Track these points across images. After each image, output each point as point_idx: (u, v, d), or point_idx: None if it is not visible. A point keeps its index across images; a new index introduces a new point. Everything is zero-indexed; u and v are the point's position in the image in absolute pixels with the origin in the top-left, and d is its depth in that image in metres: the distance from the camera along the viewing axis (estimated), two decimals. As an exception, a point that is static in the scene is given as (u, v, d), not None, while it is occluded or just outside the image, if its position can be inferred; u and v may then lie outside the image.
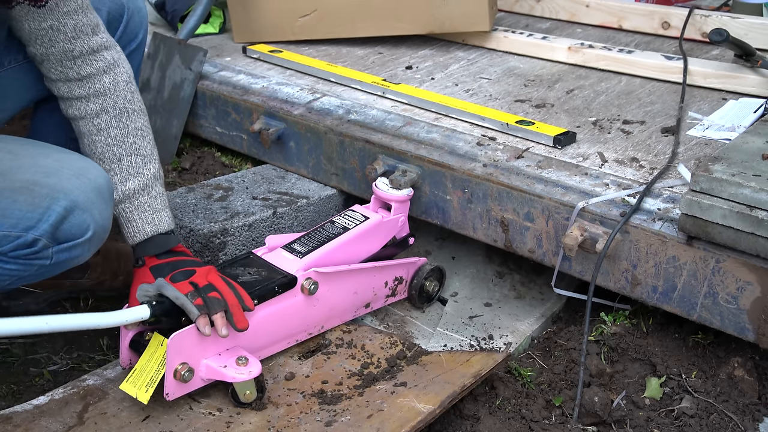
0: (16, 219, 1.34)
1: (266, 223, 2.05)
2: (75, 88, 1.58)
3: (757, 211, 1.44)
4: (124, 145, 1.60)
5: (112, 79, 1.60)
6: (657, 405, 1.63)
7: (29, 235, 1.35)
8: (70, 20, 1.53)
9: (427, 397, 1.53)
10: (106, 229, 1.46)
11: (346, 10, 2.62)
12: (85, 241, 1.42)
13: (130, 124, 1.61)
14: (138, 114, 1.63)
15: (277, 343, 1.72)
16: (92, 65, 1.57)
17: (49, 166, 1.40)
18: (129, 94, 1.62)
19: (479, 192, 1.85)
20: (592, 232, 1.66)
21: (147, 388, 1.49)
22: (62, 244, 1.40)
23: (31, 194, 1.35)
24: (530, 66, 2.51)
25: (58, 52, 1.55)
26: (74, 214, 1.38)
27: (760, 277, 1.49)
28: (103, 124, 1.59)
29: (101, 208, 1.43)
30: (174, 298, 1.49)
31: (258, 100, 2.33)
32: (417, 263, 1.98)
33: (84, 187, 1.40)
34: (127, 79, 1.63)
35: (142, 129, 1.63)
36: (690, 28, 2.64)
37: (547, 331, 1.92)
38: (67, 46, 1.54)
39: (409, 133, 2.04)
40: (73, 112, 1.61)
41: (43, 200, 1.35)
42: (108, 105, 1.59)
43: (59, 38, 1.53)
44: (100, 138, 1.59)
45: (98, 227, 1.43)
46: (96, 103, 1.59)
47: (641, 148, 1.90)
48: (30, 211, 1.34)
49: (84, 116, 1.59)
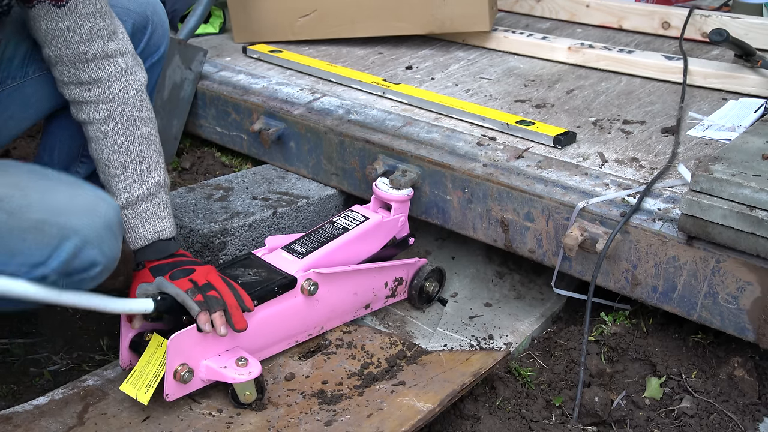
0: (25, 257, 1.34)
1: (266, 223, 2.05)
2: (85, 92, 1.59)
3: (757, 211, 1.44)
4: (130, 153, 1.61)
5: (123, 85, 1.61)
6: (657, 405, 1.63)
7: (38, 271, 1.35)
8: (86, 22, 1.54)
9: (427, 396, 1.53)
10: (115, 260, 1.46)
11: (346, 10, 2.62)
12: (96, 274, 1.42)
13: (137, 132, 1.62)
14: (146, 122, 1.64)
15: (277, 343, 1.72)
16: (104, 69, 1.58)
17: (59, 203, 1.38)
18: (138, 102, 1.63)
19: (479, 192, 1.85)
20: (592, 232, 1.66)
21: (147, 389, 1.49)
22: (72, 277, 1.40)
23: (42, 233, 1.34)
24: (530, 66, 2.51)
25: (72, 54, 1.56)
26: (84, 251, 1.37)
27: (760, 277, 1.49)
28: (110, 131, 1.60)
29: (110, 243, 1.42)
30: (175, 294, 1.49)
31: (258, 100, 2.33)
32: (417, 264, 1.98)
33: (94, 225, 1.39)
34: (139, 87, 1.63)
35: (149, 137, 1.64)
36: (690, 28, 2.63)
37: (547, 331, 1.92)
38: (81, 48, 1.55)
39: (410, 133, 2.04)
40: (82, 116, 1.62)
41: (53, 239, 1.34)
42: (116, 112, 1.60)
43: (74, 39, 1.54)
44: (106, 144, 1.61)
45: (108, 260, 1.43)
46: (104, 109, 1.60)
47: (641, 148, 1.90)
48: (39, 249, 1.34)
49: (92, 121, 1.61)
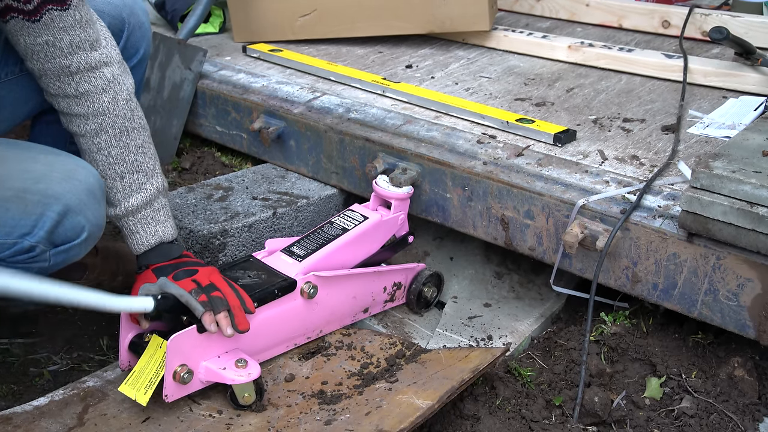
0: (10, 227, 1.35)
1: (266, 224, 2.05)
2: (74, 106, 1.56)
3: (758, 207, 1.43)
4: (126, 164, 1.59)
5: (112, 97, 1.57)
6: (657, 405, 1.62)
7: (25, 241, 1.37)
8: (66, 36, 1.49)
9: (426, 393, 1.52)
10: (100, 227, 1.47)
11: (346, 10, 2.62)
12: (82, 241, 1.44)
13: (131, 142, 1.59)
14: (138, 131, 1.61)
15: (276, 346, 1.72)
16: (90, 82, 1.54)
17: (38, 171, 1.40)
18: (129, 112, 1.59)
19: (479, 190, 1.84)
20: (592, 230, 1.66)
21: (146, 390, 1.48)
22: (59, 247, 1.42)
23: (23, 202, 1.36)
24: (530, 65, 2.50)
25: (54, 68, 1.51)
26: (68, 217, 1.39)
27: (760, 273, 1.49)
28: (103, 144, 1.58)
29: (94, 208, 1.44)
30: (178, 295, 1.48)
31: (258, 98, 2.32)
32: (416, 269, 1.97)
33: (75, 190, 1.40)
34: (128, 96, 1.60)
35: (143, 146, 1.61)
36: (690, 27, 2.63)
37: (547, 331, 1.91)
38: (63, 62, 1.51)
39: (410, 131, 2.04)
40: (73, 129, 1.59)
41: (35, 207, 1.36)
42: (107, 125, 1.57)
43: (55, 54, 1.50)
44: (101, 157, 1.58)
45: (93, 227, 1.44)
46: (95, 122, 1.56)
47: (641, 146, 1.90)
48: (23, 219, 1.36)
49: (84, 134, 1.58)
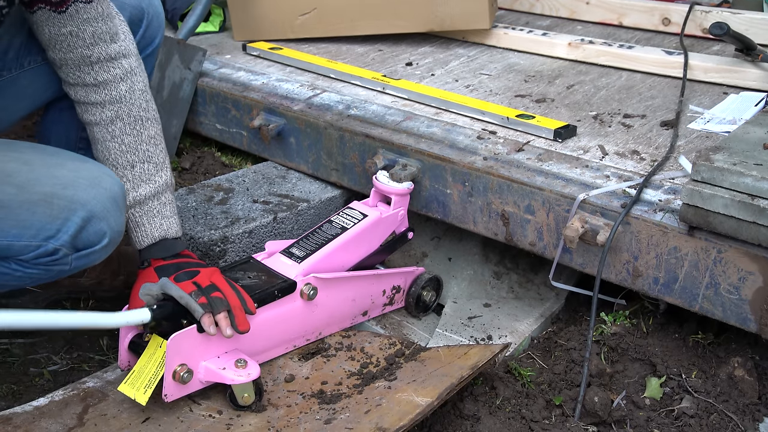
0: (36, 230, 1.39)
1: (266, 229, 2.04)
2: (91, 94, 1.61)
3: (759, 200, 1.43)
4: (138, 153, 1.62)
5: (129, 87, 1.62)
6: (657, 405, 1.62)
7: (50, 244, 1.40)
8: (89, 27, 1.55)
9: (425, 391, 1.52)
10: (120, 234, 1.52)
11: (346, 9, 2.62)
12: (102, 247, 1.48)
13: (144, 132, 1.63)
14: (152, 122, 1.65)
15: (276, 347, 1.71)
16: (109, 72, 1.60)
17: (65, 177, 1.44)
18: (144, 102, 1.64)
19: (480, 185, 1.84)
20: (592, 224, 1.65)
21: (145, 389, 1.48)
22: (81, 251, 1.45)
23: (50, 206, 1.40)
24: (530, 62, 2.50)
25: (76, 58, 1.57)
26: (92, 223, 1.43)
27: (762, 266, 1.48)
28: (118, 131, 1.61)
29: (116, 216, 1.48)
30: (178, 297, 1.49)
31: (258, 96, 2.32)
32: (415, 273, 1.97)
33: (100, 197, 1.44)
34: (143, 87, 1.65)
35: (155, 137, 1.65)
36: (690, 24, 2.62)
37: (547, 331, 1.91)
38: (85, 52, 1.57)
39: (410, 127, 2.03)
40: (88, 117, 1.63)
41: (61, 212, 1.40)
42: (123, 112, 1.61)
43: (78, 44, 1.56)
44: (114, 144, 1.62)
45: (114, 233, 1.48)
46: (111, 110, 1.61)
47: (642, 141, 1.89)
48: (49, 222, 1.40)
49: (99, 122, 1.62)
